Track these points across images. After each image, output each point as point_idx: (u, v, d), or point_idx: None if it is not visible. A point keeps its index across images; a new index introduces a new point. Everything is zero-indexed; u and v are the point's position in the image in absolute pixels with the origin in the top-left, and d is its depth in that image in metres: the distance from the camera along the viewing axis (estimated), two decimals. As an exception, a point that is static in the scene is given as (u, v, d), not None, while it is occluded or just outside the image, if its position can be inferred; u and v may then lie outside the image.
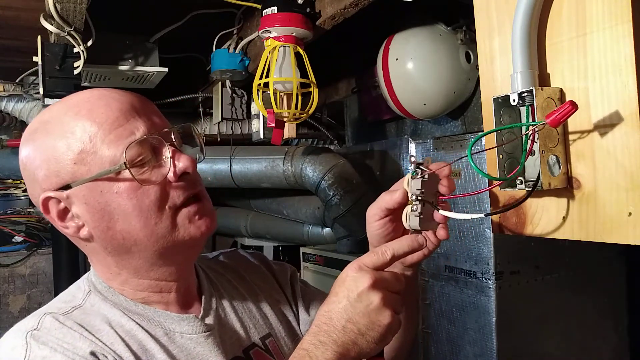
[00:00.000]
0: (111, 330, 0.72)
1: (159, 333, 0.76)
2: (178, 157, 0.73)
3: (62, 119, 0.72)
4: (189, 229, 0.74)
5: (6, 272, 3.23)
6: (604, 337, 1.88)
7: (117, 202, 0.71)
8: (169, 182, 0.73)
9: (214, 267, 0.94)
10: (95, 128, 0.70)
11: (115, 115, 0.71)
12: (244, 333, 0.85)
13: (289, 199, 2.56)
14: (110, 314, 0.75)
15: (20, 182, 3.74)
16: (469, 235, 1.67)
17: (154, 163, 0.72)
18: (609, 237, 0.73)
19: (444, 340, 1.80)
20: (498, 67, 0.87)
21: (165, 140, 0.73)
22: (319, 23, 1.58)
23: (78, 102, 0.73)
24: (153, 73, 2.03)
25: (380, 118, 2.26)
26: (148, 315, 0.77)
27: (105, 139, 0.70)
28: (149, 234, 0.73)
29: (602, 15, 0.73)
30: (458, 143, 1.76)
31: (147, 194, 0.71)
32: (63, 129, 0.71)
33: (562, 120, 0.69)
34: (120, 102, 0.73)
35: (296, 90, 1.58)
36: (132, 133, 0.71)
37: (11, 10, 1.65)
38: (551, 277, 1.71)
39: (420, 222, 0.72)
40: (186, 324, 0.78)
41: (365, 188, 2.01)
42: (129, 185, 0.71)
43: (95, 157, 0.70)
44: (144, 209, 0.72)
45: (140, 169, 0.71)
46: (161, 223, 0.73)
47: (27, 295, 3.28)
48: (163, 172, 0.72)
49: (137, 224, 0.72)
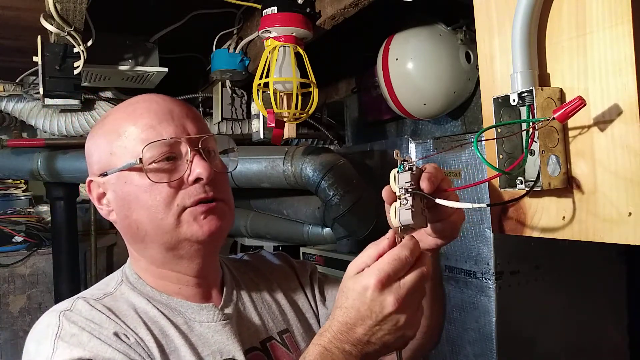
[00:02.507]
0: (136, 316, 0.79)
1: (180, 321, 0.82)
2: (197, 163, 0.79)
3: (112, 118, 0.84)
4: (191, 227, 0.79)
5: (6, 272, 3.23)
6: (604, 337, 1.88)
7: (135, 194, 0.79)
8: (184, 183, 0.79)
9: (238, 265, 1.00)
10: (132, 127, 0.80)
11: (151, 117, 0.80)
12: (262, 326, 0.89)
13: (289, 199, 2.56)
14: (136, 302, 0.82)
15: (20, 182, 3.74)
16: (469, 235, 1.67)
17: (172, 164, 0.80)
18: (609, 237, 0.73)
19: (444, 340, 1.80)
20: (498, 67, 0.87)
21: (192, 145, 0.80)
22: (319, 23, 1.58)
23: (127, 105, 0.85)
24: (153, 73, 2.03)
25: (380, 118, 2.26)
26: (170, 304, 0.83)
27: (137, 137, 0.79)
28: (155, 228, 0.80)
29: (602, 15, 0.73)
30: (458, 143, 1.76)
31: (159, 191, 0.78)
32: (111, 126, 0.83)
33: (570, 115, 0.69)
34: (160, 106, 0.82)
35: (296, 90, 1.58)
36: (159, 135, 0.79)
37: (11, 10, 1.65)
38: (551, 277, 1.71)
39: (412, 215, 0.67)
40: (205, 313, 0.84)
41: (365, 188, 2.01)
42: (146, 180, 0.78)
43: (125, 151, 0.80)
44: (154, 204, 0.79)
45: (160, 167, 0.79)
46: (167, 219, 0.79)
47: (27, 295, 3.28)
48: (179, 174, 0.79)
49: (146, 217, 0.80)
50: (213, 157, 0.84)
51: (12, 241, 3.29)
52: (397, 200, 0.70)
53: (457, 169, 1.73)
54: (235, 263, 1.01)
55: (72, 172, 2.59)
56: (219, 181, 0.83)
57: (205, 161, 0.80)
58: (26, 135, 2.77)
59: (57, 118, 2.44)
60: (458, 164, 1.72)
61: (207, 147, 0.83)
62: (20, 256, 3.26)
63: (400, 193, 0.70)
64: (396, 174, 0.72)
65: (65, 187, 2.88)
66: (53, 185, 2.87)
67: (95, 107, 2.41)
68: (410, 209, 0.68)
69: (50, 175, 2.65)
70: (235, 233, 3.24)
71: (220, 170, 0.85)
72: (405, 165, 0.71)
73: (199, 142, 0.81)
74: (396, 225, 0.69)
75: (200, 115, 0.88)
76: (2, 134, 2.70)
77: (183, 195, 0.79)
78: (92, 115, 2.42)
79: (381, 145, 2.18)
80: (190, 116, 0.84)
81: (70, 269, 2.96)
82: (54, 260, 2.99)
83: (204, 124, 0.86)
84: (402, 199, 0.69)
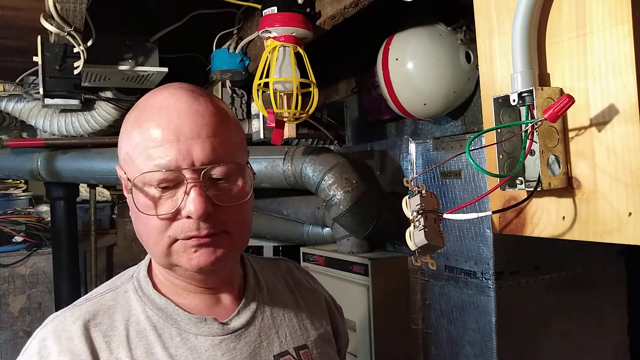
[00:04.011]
0: (123, 332, 0.77)
1: (173, 332, 0.78)
2: (192, 199, 0.72)
3: (133, 116, 0.77)
4: (181, 259, 0.75)
5: (6, 272, 3.23)
6: (604, 337, 1.87)
7: (135, 209, 0.75)
8: (179, 214, 0.73)
9: (268, 269, 0.96)
10: (139, 139, 0.74)
11: (158, 133, 0.72)
12: (278, 340, 0.85)
13: (289, 199, 2.56)
14: (133, 307, 0.80)
15: (20, 182, 3.74)
16: (469, 235, 1.67)
17: (170, 193, 0.73)
18: (609, 237, 0.73)
19: (444, 340, 1.80)
20: (498, 67, 0.87)
21: (194, 174, 0.72)
22: (319, 23, 1.58)
23: (147, 105, 0.77)
24: (153, 73, 2.03)
25: (380, 118, 2.26)
26: (168, 311, 0.79)
27: (141, 154, 0.73)
28: (152, 250, 0.78)
29: (602, 15, 0.73)
30: (458, 143, 1.76)
31: (153, 217, 0.74)
32: (130, 125, 0.76)
33: (560, 113, 0.70)
34: (170, 119, 0.73)
35: (296, 90, 1.58)
36: (160, 157, 0.72)
37: (11, 10, 1.65)
38: (551, 277, 1.71)
39: (426, 235, 0.70)
40: (203, 326, 0.79)
41: (365, 188, 2.01)
42: (143, 202, 0.74)
43: (132, 165, 0.75)
44: (149, 228, 0.75)
45: (154, 194, 0.73)
46: (158, 247, 0.75)
47: (27, 295, 3.29)
48: (174, 205, 0.73)
49: (143, 235, 0.78)
50: (221, 185, 0.75)
51: (12, 241, 3.29)
52: (411, 225, 0.72)
53: (457, 168, 1.73)
54: (265, 266, 0.96)
55: (72, 172, 2.59)
56: (224, 211, 0.75)
57: (202, 197, 0.72)
58: (26, 135, 2.77)
59: (57, 118, 2.44)
60: (458, 164, 1.72)
61: (215, 175, 0.74)
62: (20, 256, 3.26)
63: (413, 217, 0.72)
64: (407, 199, 0.74)
65: (65, 187, 2.88)
66: (53, 185, 2.87)
67: (95, 107, 2.41)
68: (423, 230, 0.70)
69: (50, 175, 2.65)
70: (235, 233, 3.24)
71: (225, 203, 0.74)
72: (414, 190, 0.73)
73: (201, 172, 0.72)
74: (413, 249, 0.71)
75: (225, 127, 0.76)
76: (2, 134, 2.70)
77: (176, 227, 0.73)
78: (92, 115, 2.42)
79: (381, 145, 2.18)
80: (203, 135, 0.73)
81: (70, 269, 2.96)
82: (54, 260, 2.99)
83: (219, 144, 0.74)
84: (415, 221, 0.72)
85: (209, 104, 0.76)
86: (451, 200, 1.76)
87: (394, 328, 1.91)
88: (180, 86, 0.79)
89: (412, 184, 0.74)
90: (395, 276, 1.92)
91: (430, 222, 0.72)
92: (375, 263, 1.90)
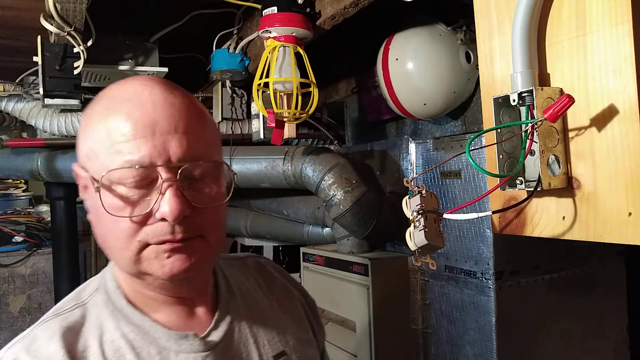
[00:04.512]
0: (98, 351, 0.69)
1: (152, 351, 0.71)
2: (167, 199, 0.65)
3: (98, 109, 0.69)
4: (151, 266, 0.67)
5: (6, 272, 3.23)
6: (604, 337, 1.87)
7: (101, 210, 0.66)
8: (151, 216, 0.66)
9: (237, 271, 0.89)
10: (104, 133, 0.66)
11: (128, 127, 0.65)
12: (257, 350, 0.79)
13: (289, 199, 2.56)
14: (106, 323, 0.72)
15: (20, 182, 3.74)
16: (469, 235, 1.67)
17: (142, 192, 0.66)
18: (609, 237, 0.73)
19: (444, 340, 1.80)
20: (498, 67, 0.87)
21: (170, 173, 0.65)
22: (319, 23, 1.58)
23: (115, 96, 0.69)
24: (153, 73, 2.03)
25: (380, 118, 2.26)
26: (145, 327, 0.72)
27: (109, 149, 0.65)
28: (117, 256, 0.70)
29: (602, 15, 0.73)
30: (458, 143, 1.76)
31: (123, 219, 0.66)
32: (95, 118, 0.68)
33: (560, 113, 0.70)
34: (142, 113, 0.66)
35: (296, 90, 1.58)
36: (131, 153, 0.64)
37: (11, 10, 1.65)
38: (551, 277, 1.71)
39: (426, 235, 0.70)
40: (184, 343, 0.73)
41: (365, 188, 2.01)
42: (111, 203, 0.66)
43: (96, 161, 0.67)
44: (117, 231, 0.67)
45: (124, 193, 0.65)
46: (126, 252, 0.67)
47: (27, 295, 3.29)
48: (146, 207, 0.65)
49: (108, 240, 0.69)
50: (197, 185, 0.69)
51: (12, 241, 3.29)
52: (411, 225, 0.72)
53: (457, 168, 1.73)
54: (233, 267, 0.89)
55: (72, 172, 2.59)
56: (200, 214, 0.68)
57: (179, 197, 0.65)
58: (26, 135, 2.77)
59: (57, 118, 2.44)
60: (458, 164, 1.72)
61: (192, 175, 0.67)
62: (20, 256, 3.26)
63: (413, 217, 0.72)
64: (407, 199, 0.74)
65: (65, 187, 2.88)
66: (53, 185, 2.87)
67: (95, 107, 2.41)
68: (423, 230, 0.70)
69: (50, 175, 2.65)
70: (236, 233, 3.25)
71: (202, 205, 0.68)
72: (415, 190, 0.73)
73: (179, 170, 0.65)
74: (413, 249, 0.71)
75: (201, 124, 0.71)
76: (2, 134, 2.70)
77: (147, 231, 0.66)
78: (92, 115, 2.42)
79: (381, 145, 2.18)
80: (180, 130, 0.66)
81: (70, 269, 2.96)
82: (54, 260, 2.99)
83: (196, 141, 0.68)
84: (415, 222, 0.71)
85: (185, 98, 0.70)
86: (451, 200, 1.76)
87: (394, 328, 1.91)
88: (151, 78, 0.71)
89: (412, 184, 0.74)
90: (395, 276, 1.92)
91: (431, 222, 0.72)
92: (375, 263, 1.90)
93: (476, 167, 0.68)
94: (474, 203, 1.66)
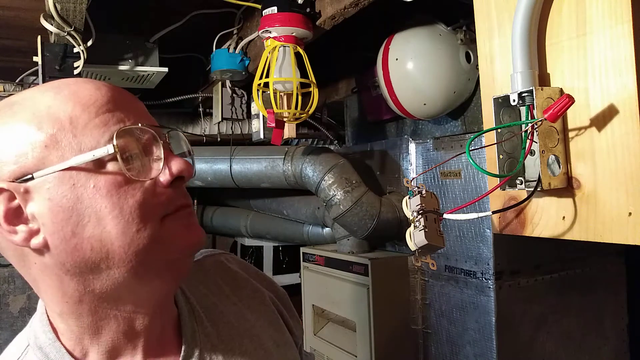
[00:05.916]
0: None
1: None
2: (172, 158, 0.59)
3: (37, 99, 0.58)
4: (176, 235, 0.59)
5: (6, 272, 3.23)
6: (604, 337, 1.88)
7: (93, 199, 0.55)
8: (158, 186, 0.58)
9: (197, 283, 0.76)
10: (79, 110, 0.56)
11: (105, 99, 0.57)
12: None
13: (289, 199, 2.56)
14: None
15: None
16: (469, 235, 1.67)
17: (142, 160, 0.58)
18: (609, 237, 0.73)
19: (444, 340, 1.80)
20: (498, 67, 0.87)
21: (159, 137, 0.59)
22: (319, 23, 1.58)
23: (60, 83, 0.60)
24: (153, 73, 2.03)
25: (380, 118, 2.26)
26: None
27: (89, 123, 0.56)
28: (126, 244, 0.56)
29: (602, 15, 0.73)
30: (458, 143, 1.76)
31: (132, 193, 0.56)
32: (36, 108, 0.56)
33: (560, 113, 0.70)
34: (111, 89, 0.59)
35: (296, 90, 1.59)
36: (121, 121, 0.57)
37: (11, 10, 1.66)
38: (551, 277, 1.71)
39: (426, 235, 0.70)
40: None
41: (365, 188, 2.01)
42: (111, 179, 0.55)
43: (73, 141, 0.55)
44: (126, 210, 0.56)
45: (127, 164, 0.56)
46: (144, 231, 0.56)
47: (27, 295, 3.29)
48: (154, 172, 0.58)
49: (113, 229, 0.55)
50: None
51: (12, 241, 3.29)
52: (411, 225, 0.72)
53: (457, 168, 1.73)
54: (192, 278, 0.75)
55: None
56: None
57: (179, 157, 0.60)
58: (26, 135, 2.77)
59: (57, 118, 2.44)
60: (458, 164, 1.72)
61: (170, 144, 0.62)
62: (20, 256, 3.26)
63: (413, 217, 0.72)
64: (407, 199, 0.74)
65: (65, 187, 2.88)
66: (53, 185, 2.87)
67: (95, 107, 2.41)
68: (423, 230, 0.70)
69: (50, 175, 2.65)
70: (235, 233, 3.25)
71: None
72: (415, 190, 0.73)
73: (164, 135, 0.60)
74: (413, 249, 0.71)
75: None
76: (2, 134, 2.70)
77: (162, 201, 0.58)
78: (92, 115, 2.42)
79: (381, 145, 2.18)
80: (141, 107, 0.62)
81: (70, 269, 2.97)
82: (54, 260, 2.99)
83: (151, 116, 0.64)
84: (415, 221, 0.71)
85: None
86: (451, 200, 1.76)
87: (394, 328, 1.91)
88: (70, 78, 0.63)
89: (412, 184, 0.74)
90: (395, 276, 1.92)
91: (431, 222, 0.72)
92: (375, 263, 1.90)
93: (476, 167, 0.68)
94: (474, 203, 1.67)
